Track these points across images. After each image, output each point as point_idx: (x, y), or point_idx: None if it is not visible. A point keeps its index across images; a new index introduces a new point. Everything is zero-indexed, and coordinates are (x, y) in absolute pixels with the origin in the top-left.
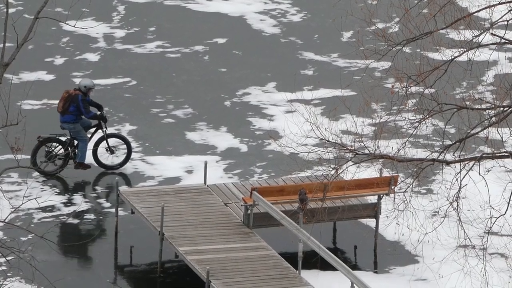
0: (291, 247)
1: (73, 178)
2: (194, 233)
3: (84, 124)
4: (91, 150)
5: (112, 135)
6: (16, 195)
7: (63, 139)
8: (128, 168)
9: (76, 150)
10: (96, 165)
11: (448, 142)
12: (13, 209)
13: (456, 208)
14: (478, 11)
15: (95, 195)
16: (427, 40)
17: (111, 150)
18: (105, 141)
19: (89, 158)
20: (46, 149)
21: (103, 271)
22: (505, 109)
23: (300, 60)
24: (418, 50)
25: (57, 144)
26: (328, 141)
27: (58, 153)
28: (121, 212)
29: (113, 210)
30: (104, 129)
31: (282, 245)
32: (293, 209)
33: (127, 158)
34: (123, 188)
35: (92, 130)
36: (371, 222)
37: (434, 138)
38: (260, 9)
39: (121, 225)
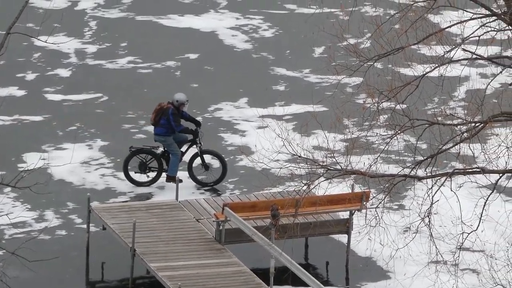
0: (263, 263)
1: (44, 194)
2: (165, 249)
3: (179, 138)
4: (187, 166)
5: (207, 152)
6: None
7: (157, 151)
8: (99, 184)
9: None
10: (191, 180)
11: (420, 158)
12: None
13: (428, 223)
14: (450, 26)
15: (66, 211)
16: (399, 56)
17: (205, 166)
18: (199, 157)
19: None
20: (139, 160)
21: (75, 287)
22: (477, 124)
23: (272, 76)
24: (390, 66)
25: (150, 156)
26: (300, 156)
27: (150, 165)
28: (92, 228)
29: (85, 226)
30: (199, 145)
31: (254, 261)
32: (265, 225)
33: (223, 175)
34: (94, 204)
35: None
36: (343, 238)
37: (406, 153)
38: (232, 25)
39: (93, 241)
